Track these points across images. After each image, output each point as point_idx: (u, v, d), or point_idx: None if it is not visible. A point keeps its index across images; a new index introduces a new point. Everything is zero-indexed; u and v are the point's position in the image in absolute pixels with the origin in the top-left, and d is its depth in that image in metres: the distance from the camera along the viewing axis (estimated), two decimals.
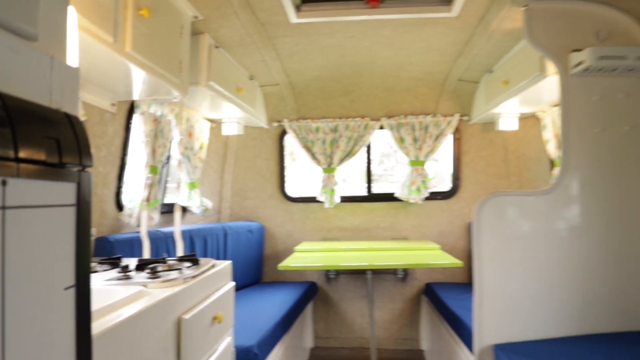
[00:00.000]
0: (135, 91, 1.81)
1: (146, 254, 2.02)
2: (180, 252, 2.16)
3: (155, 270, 1.30)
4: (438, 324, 2.62)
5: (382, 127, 3.20)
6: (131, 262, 1.47)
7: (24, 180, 0.50)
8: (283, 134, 3.35)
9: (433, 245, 2.84)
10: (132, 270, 1.33)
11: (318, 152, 3.19)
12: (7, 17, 0.57)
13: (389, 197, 3.25)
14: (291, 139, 3.28)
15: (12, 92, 0.55)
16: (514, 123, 2.93)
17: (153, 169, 2.11)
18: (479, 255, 1.74)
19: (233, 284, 1.62)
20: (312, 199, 3.29)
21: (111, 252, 1.84)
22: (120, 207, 2.08)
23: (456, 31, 2.19)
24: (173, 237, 2.24)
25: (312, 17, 2.06)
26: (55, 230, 0.56)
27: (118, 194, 2.07)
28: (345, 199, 3.29)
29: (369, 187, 3.36)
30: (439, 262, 2.25)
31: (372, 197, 3.32)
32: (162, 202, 2.54)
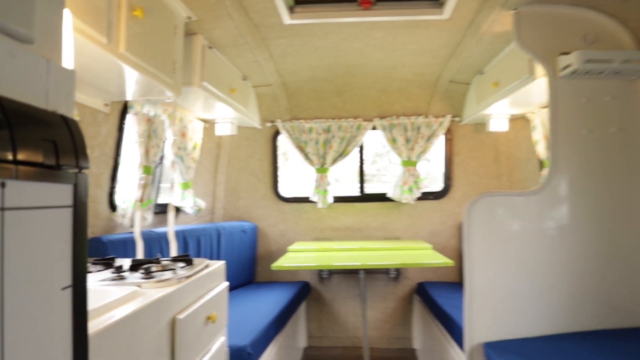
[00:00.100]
0: (129, 91, 1.81)
1: (140, 255, 2.02)
2: (174, 252, 2.16)
3: (149, 270, 1.31)
4: (430, 323, 2.65)
5: (374, 128, 3.22)
6: (125, 262, 1.47)
7: (22, 182, 0.51)
8: (276, 134, 3.36)
9: (425, 245, 2.87)
10: (126, 270, 1.33)
11: (311, 153, 3.20)
12: (3, 20, 0.58)
13: (382, 197, 3.28)
14: (284, 139, 3.29)
15: (9, 94, 0.56)
16: (505, 124, 2.97)
17: (146, 170, 2.11)
18: (470, 254, 1.77)
19: (227, 284, 1.63)
20: (305, 199, 3.31)
21: (104, 253, 1.84)
22: (113, 207, 2.08)
23: (447, 33, 2.22)
24: (166, 237, 2.24)
25: (305, 19, 2.07)
26: (52, 231, 0.57)
27: (111, 195, 2.06)
28: (338, 199, 3.31)
29: (362, 188, 3.38)
30: (431, 262, 2.28)
31: (364, 198, 3.35)
32: (156, 202, 2.54)
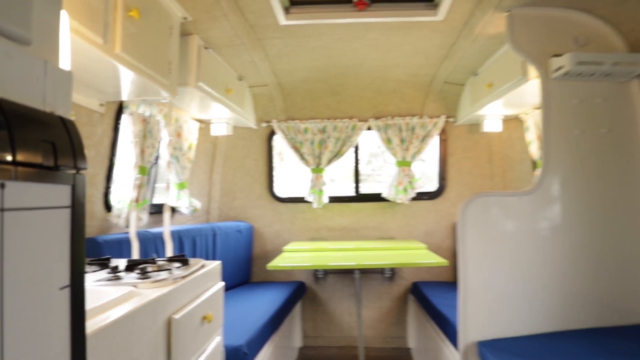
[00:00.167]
0: (124, 92, 1.80)
1: (135, 255, 2.02)
2: (170, 252, 2.16)
3: (145, 270, 1.31)
4: (424, 322, 2.67)
5: (369, 128, 3.24)
6: (120, 262, 1.48)
7: (22, 183, 0.52)
8: (272, 135, 3.37)
9: (419, 244, 2.89)
10: (121, 270, 1.33)
11: (306, 153, 3.21)
12: (0, 22, 0.59)
13: (377, 198, 3.29)
14: (280, 139, 3.29)
15: (7, 96, 0.56)
16: (498, 125, 2.99)
17: (142, 170, 2.11)
18: (464, 254, 1.78)
19: (222, 284, 1.63)
20: (300, 199, 3.32)
21: (100, 253, 1.83)
22: (108, 207, 2.08)
23: (442, 35, 2.24)
24: (162, 237, 2.24)
25: (300, 20, 2.08)
26: (51, 231, 0.58)
27: (106, 195, 2.06)
28: (334, 199, 3.32)
29: (357, 188, 3.40)
30: (425, 262, 2.30)
31: (359, 198, 3.36)
32: (151, 202, 2.54)
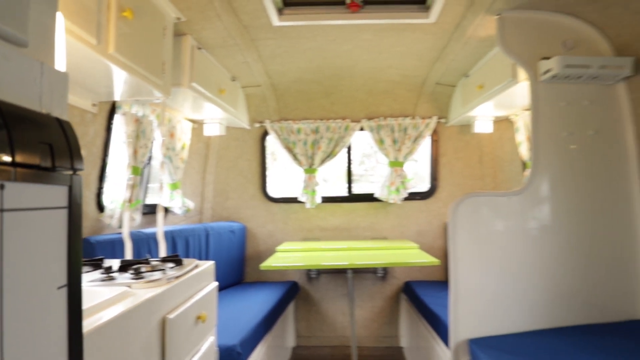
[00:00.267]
0: (117, 92, 1.80)
1: (128, 255, 2.01)
2: (163, 252, 2.16)
3: (138, 271, 1.31)
4: (416, 321, 2.70)
5: (362, 129, 3.26)
6: (114, 263, 1.48)
7: (20, 184, 0.53)
8: (265, 135, 3.37)
9: (412, 244, 2.92)
10: (115, 271, 1.33)
11: (299, 153, 3.23)
12: None
13: (369, 198, 3.32)
14: (273, 139, 3.30)
15: (4, 97, 0.57)
16: (489, 126, 3.03)
17: (135, 170, 2.11)
18: (455, 253, 1.81)
19: (216, 284, 1.64)
20: (293, 200, 3.33)
21: (92, 254, 1.83)
22: (101, 208, 2.07)
23: (433, 37, 2.26)
24: (155, 238, 2.24)
25: (294, 21, 2.09)
26: (48, 231, 0.58)
27: (99, 195, 2.05)
28: (326, 200, 3.34)
29: (350, 188, 3.42)
30: (417, 261, 2.33)
31: (352, 198, 3.38)
32: (144, 203, 2.53)
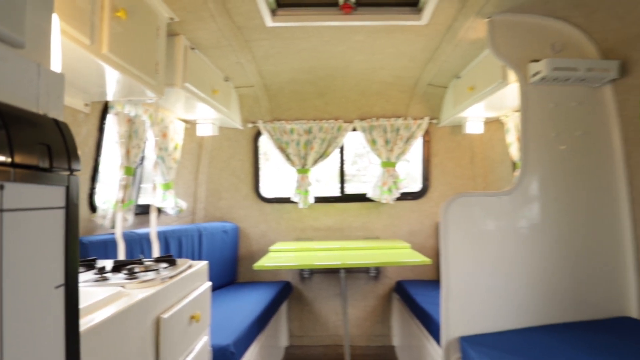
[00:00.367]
0: (110, 92, 1.80)
1: (121, 256, 2.01)
2: (156, 253, 2.15)
3: (132, 271, 1.32)
4: (408, 320, 2.72)
5: (355, 129, 3.28)
6: (107, 263, 1.48)
7: (19, 184, 0.53)
8: (258, 135, 3.38)
9: (404, 244, 2.94)
10: (108, 271, 1.34)
11: (292, 153, 3.23)
12: None
13: (362, 198, 3.34)
14: (266, 140, 3.31)
15: (2, 98, 0.57)
16: (480, 127, 3.07)
17: (128, 170, 2.10)
18: (446, 252, 1.84)
19: (209, 283, 1.64)
20: (286, 200, 3.33)
21: (85, 254, 1.82)
22: (93, 208, 2.06)
23: (425, 38, 2.29)
24: (147, 238, 2.23)
25: (287, 22, 2.10)
26: (46, 231, 0.59)
27: (91, 196, 2.04)
28: (319, 200, 3.35)
29: (342, 188, 3.44)
30: (409, 260, 2.35)
31: (345, 198, 3.40)
32: (136, 203, 2.52)
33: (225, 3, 1.88)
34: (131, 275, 1.28)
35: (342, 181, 3.44)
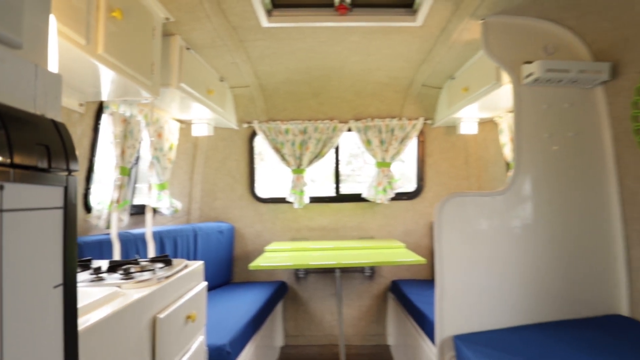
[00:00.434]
0: (105, 92, 1.79)
1: (116, 256, 2.00)
2: (152, 253, 2.15)
3: (128, 271, 1.32)
4: (403, 319, 2.74)
5: (350, 130, 3.29)
6: (102, 264, 1.47)
7: (19, 184, 0.53)
8: (253, 135, 3.38)
9: (398, 243, 2.96)
10: (104, 271, 1.34)
11: (287, 154, 3.24)
12: None
13: (357, 198, 3.35)
14: (261, 140, 3.31)
15: (0, 99, 0.58)
16: (474, 127, 3.10)
17: (123, 170, 2.10)
18: (440, 252, 1.85)
19: (205, 283, 1.65)
20: (281, 200, 3.34)
21: (80, 255, 1.82)
22: (88, 209, 2.05)
23: (420, 40, 2.31)
24: (142, 238, 2.23)
25: (282, 22, 2.11)
26: (45, 231, 0.59)
27: (86, 196, 2.04)
28: (314, 200, 3.36)
29: (337, 188, 3.45)
30: (404, 260, 2.37)
31: (340, 198, 3.41)
32: (131, 203, 2.51)
33: (221, 3, 1.89)
34: (127, 275, 1.28)
35: (337, 181, 3.45)
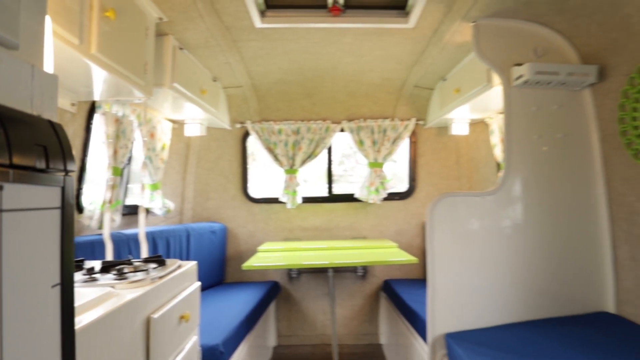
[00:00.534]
0: (97, 92, 1.78)
1: (109, 256, 1.99)
2: (145, 253, 2.14)
3: (121, 271, 1.31)
4: (395, 319, 2.76)
5: (342, 130, 3.31)
6: (95, 264, 1.47)
7: (17, 185, 0.54)
8: (246, 136, 3.38)
9: (391, 243, 2.98)
10: (97, 272, 1.33)
11: (280, 154, 3.25)
12: None
13: (349, 198, 3.37)
14: (254, 140, 3.31)
15: None
16: (465, 128, 3.13)
17: (115, 170, 2.08)
18: (432, 251, 1.87)
19: (199, 283, 1.65)
20: (274, 200, 3.35)
21: None
22: (80, 209, 2.04)
23: (412, 41, 2.33)
24: (135, 239, 2.22)
25: (276, 23, 2.12)
26: (43, 231, 0.60)
27: (78, 196, 2.02)
28: (307, 200, 3.37)
29: (330, 188, 3.46)
30: (396, 260, 2.39)
31: (332, 198, 3.43)
32: (124, 203, 2.50)
33: (214, 3, 1.89)
34: (120, 275, 1.28)
35: (329, 181, 3.47)
